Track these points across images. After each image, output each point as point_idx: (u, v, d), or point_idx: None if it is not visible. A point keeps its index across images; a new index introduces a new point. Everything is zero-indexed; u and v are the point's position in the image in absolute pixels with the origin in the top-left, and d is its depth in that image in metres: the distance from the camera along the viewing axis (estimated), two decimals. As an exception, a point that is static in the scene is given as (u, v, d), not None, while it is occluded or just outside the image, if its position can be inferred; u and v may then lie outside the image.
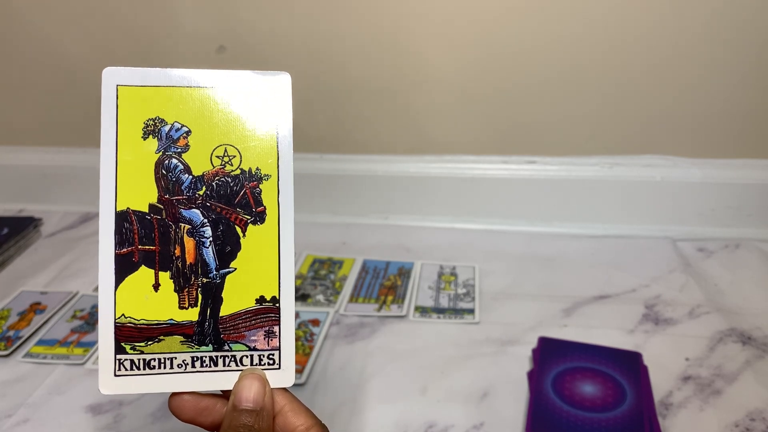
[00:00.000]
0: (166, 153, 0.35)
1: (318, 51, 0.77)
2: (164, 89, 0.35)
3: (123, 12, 0.78)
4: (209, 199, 0.35)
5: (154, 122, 0.35)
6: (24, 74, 0.86)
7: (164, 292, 0.35)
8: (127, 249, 0.34)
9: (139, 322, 0.34)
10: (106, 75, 0.34)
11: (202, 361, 0.35)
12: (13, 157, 0.92)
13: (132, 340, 0.34)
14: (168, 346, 0.34)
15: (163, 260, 0.35)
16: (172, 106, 0.35)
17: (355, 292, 0.72)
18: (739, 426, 0.52)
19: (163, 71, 0.35)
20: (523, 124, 0.79)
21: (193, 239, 0.35)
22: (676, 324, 0.64)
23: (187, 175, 0.35)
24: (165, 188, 0.35)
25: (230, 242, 0.35)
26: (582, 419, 0.51)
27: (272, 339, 0.35)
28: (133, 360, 0.34)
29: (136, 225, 0.34)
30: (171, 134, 0.35)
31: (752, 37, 0.69)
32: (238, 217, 0.35)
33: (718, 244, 0.78)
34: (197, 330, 0.35)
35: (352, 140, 0.84)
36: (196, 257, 0.35)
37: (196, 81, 0.35)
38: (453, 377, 0.59)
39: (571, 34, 0.72)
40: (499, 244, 0.80)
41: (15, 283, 0.75)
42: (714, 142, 0.77)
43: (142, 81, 0.35)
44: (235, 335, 0.35)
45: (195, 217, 0.35)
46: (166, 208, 0.35)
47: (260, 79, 0.36)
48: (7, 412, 0.56)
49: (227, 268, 0.35)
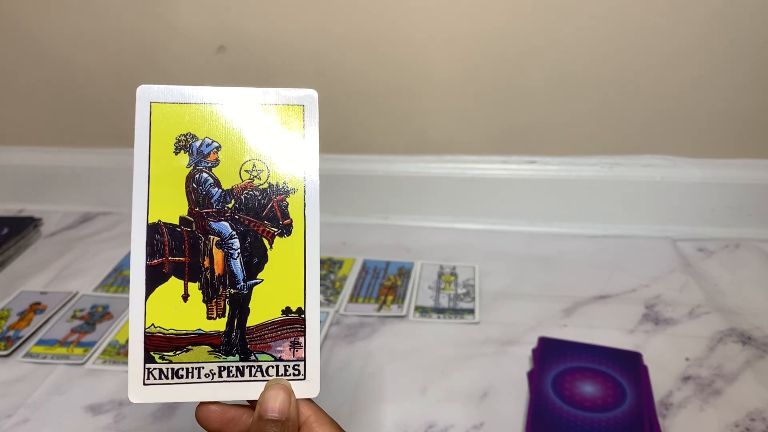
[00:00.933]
0: (197, 167, 0.36)
1: (318, 51, 0.77)
2: (196, 106, 0.36)
3: (123, 12, 0.78)
4: (238, 212, 0.36)
5: (186, 138, 0.36)
6: (24, 74, 0.86)
7: (193, 303, 0.35)
8: (158, 260, 0.35)
9: (168, 331, 0.35)
10: (141, 92, 0.36)
11: (228, 371, 0.35)
12: (13, 157, 0.92)
13: (161, 350, 0.35)
14: (196, 355, 0.35)
15: (192, 271, 0.36)
16: (203, 123, 0.36)
17: (355, 292, 0.72)
18: (739, 426, 0.52)
19: (195, 89, 0.36)
20: (523, 124, 0.79)
21: (222, 251, 0.36)
22: (676, 324, 0.64)
23: (216, 189, 0.36)
24: (195, 201, 0.36)
25: (258, 254, 0.36)
26: (582, 419, 0.51)
27: (298, 350, 0.36)
28: (161, 369, 0.35)
29: (167, 237, 0.35)
30: (202, 149, 0.36)
31: (752, 37, 0.69)
32: (265, 230, 0.36)
33: (718, 244, 0.78)
34: (224, 340, 0.35)
35: (352, 140, 0.84)
36: (225, 268, 0.36)
37: (226, 98, 0.36)
38: (453, 377, 0.59)
39: (571, 34, 0.72)
40: (499, 244, 0.80)
41: (15, 283, 0.75)
42: (714, 142, 0.77)
43: (174, 98, 0.36)
44: (261, 345, 0.36)
45: (224, 229, 0.36)
46: (196, 220, 0.36)
47: (288, 96, 0.37)
48: (7, 412, 0.56)
49: (254, 279, 0.36)
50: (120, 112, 0.85)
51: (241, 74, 0.80)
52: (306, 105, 0.37)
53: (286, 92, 0.37)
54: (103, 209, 0.91)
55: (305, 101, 0.37)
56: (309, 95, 0.37)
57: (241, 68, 0.80)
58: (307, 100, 0.37)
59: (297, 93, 0.37)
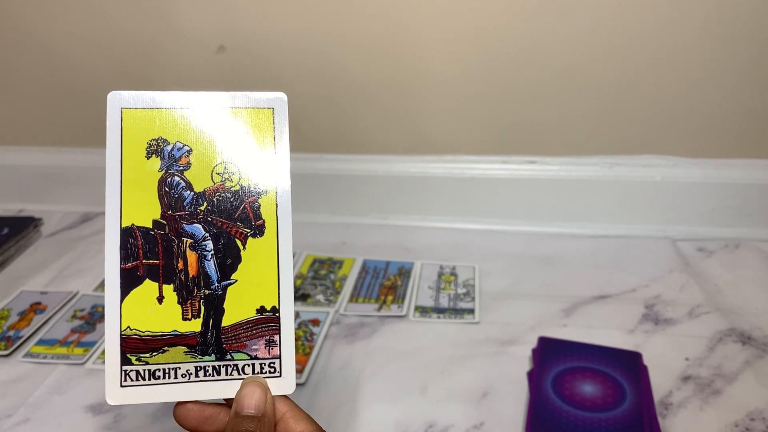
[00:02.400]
0: (169, 171, 0.36)
1: (318, 51, 0.77)
2: (166, 111, 0.36)
3: (122, 12, 0.78)
4: (210, 214, 0.37)
5: (157, 142, 0.36)
6: (24, 74, 0.86)
7: (168, 305, 0.36)
8: (132, 263, 0.35)
9: (144, 333, 0.35)
10: (111, 99, 0.36)
11: (205, 371, 0.36)
12: (13, 157, 0.92)
13: (137, 352, 0.35)
14: (172, 356, 0.35)
15: (166, 273, 0.36)
16: (174, 127, 0.36)
17: (355, 292, 0.72)
18: (739, 426, 0.52)
19: (165, 94, 0.36)
20: (523, 124, 0.79)
21: (196, 253, 0.36)
22: (675, 324, 0.64)
23: (189, 192, 0.36)
24: (168, 204, 0.36)
25: (231, 255, 0.36)
26: (582, 419, 0.51)
27: (273, 348, 0.36)
28: (138, 371, 0.35)
29: (140, 240, 0.36)
30: (173, 153, 0.36)
31: (752, 36, 0.69)
32: (238, 231, 0.37)
33: (718, 244, 0.78)
34: (200, 340, 0.36)
35: (352, 140, 0.84)
36: (199, 270, 0.36)
37: (196, 103, 0.37)
38: (453, 377, 0.59)
39: (570, 33, 0.72)
40: (499, 244, 0.80)
41: (15, 283, 0.76)
42: (714, 142, 0.77)
43: (145, 104, 0.36)
44: (236, 345, 0.36)
45: (197, 231, 0.36)
46: (169, 223, 0.36)
47: (257, 99, 0.37)
48: (7, 412, 0.56)
49: (228, 279, 0.36)
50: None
51: (241, 74, 0.80)
52: (276, 108, 0.38)
53: (256, 95, 0.37)
54: (103, 209, 0.91)
55: (275, 104, 0.38)
56: (278, 98, 0.38)
57: (241, 68, 0.80)
58: (277, 103, 0.38)
59: (266, 96, 0.38)
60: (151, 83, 0.83)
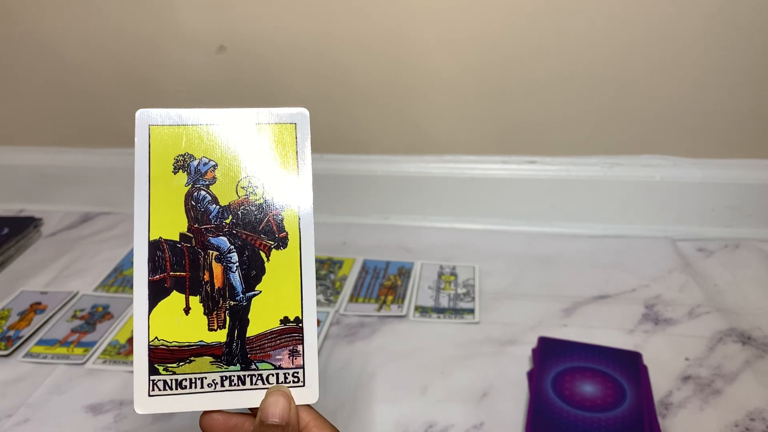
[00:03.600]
0: (195, 186, 0.37)
1: (318, 51, 0.77)
2: (193, 128, 0.38)
3: (122, 12, 0.78)
4: (235, 227, 0.38)
5: (184, 158, 0.38)
6: (24, 74, 0.86)
7: (194, 316, 0.37)
8: (159, 275, 0.36)
9: (171, 344, 0.36)
10: (139, 116, 0.37)
11: (230, 380, 0.36)
12: (13, 157, 0.92)
13: (165, 362, 0.36)
14: (198, 366, 0.36)
15: (193, 285, 0.37)
16: (200, 143, 0.38)
17: (355, 292, 0.72)
18: (739, 426, 0.52)
19: (191, 112, 0.38)
20: (523, 124, 0.79)
21: (221, 265, 0.37)
22: (675, 324, 0.64)
23: (214, 206, 0.38)
24: (194, 218, 0.37)
25: (255, 267, 0.37)
26: (582, 419, 0.51)
27: (296, 357, 0.37)
28: (166, 380, 0.36)
29: (168, 253, 0.37)
30: (199, 168, 0.38)
31: (752, 37, 0.69)
32: (262, 243, 0.38)
33: (718, 244, 0.78)
34: (225, 351, 0.37)
35: (352, 140, 0.84)
36: (224, 281, 0.37)
37: (221, 119, 0.38)
38: (453, 377, 0.59)
39: (571, 34, 0.72)
40: (499, 244, 0.80)
41: (15, 283, 0.76)
42: (714, 142, 0.77)
43: (172, 121, 0.38)
44: (261, 355, 0.37)
45: (222, 244, 0.38)
46: (195, 236, 0.37)
47: (280, 115, 0.39)
48: (7, 412, 0.56)
49: (253, 291, 0.37)
50: (120, 112, 0.85)
51: (241, 74, 0.80)
52: (298, 123, 0.39)
53: (279, 111, 0.39)
54: (103, 209, 0.91)
55: (297, 119, 0.39)
56: (301, 113, 0.39)
57: (241, 68, 0.80)
58: (299, 118, 0.39)
59: (289, 111, 0.39)
60: (151, 83, 0.83)
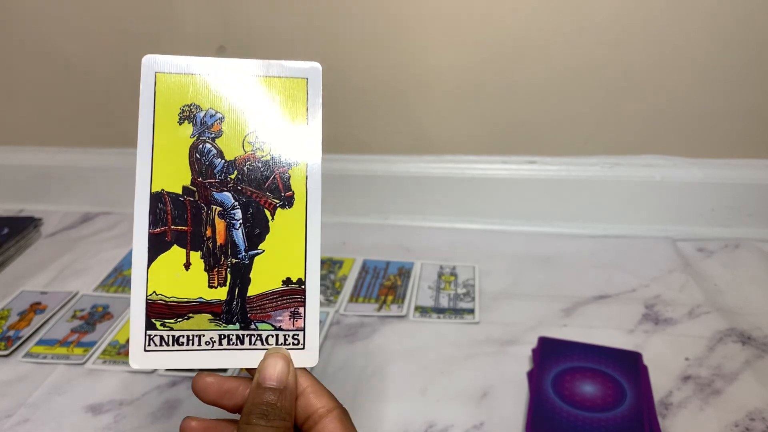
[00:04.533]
0: (201, 138, 0.36)
1: (318, 51, 0.77)
2: (200, 77, 0.36)
3: (123, 11, 0.78)
4: (240, 183, 0.36)
5: (190, 108, 0.36)
6: (24, 74, 0.86)
7: (195, 272, 0.36)
8: (160, 228, 0.35)
9: (169, 299, 0.35)
10: (146, 62, 0.36)
11: (228, 339, 0.36)
12: (13, 157, 0.92)
13: (162, 317, 0.35)
14: (197, 323, 0.35)
15: (194, 240, 0.36)
16: (207, 93, 0.36)
17: (355, 292, 0.72)
18: (739, 426, 0.52)
19: (199, 60, 0.36)
20: (523, 124, 0.79)
21: (224, 221, 0.36)
22: (675, 324, 0.64)
23: (219, 160, 0.36)
24: (198, 171, 0.36)
25: (259, 225, 0.36)
26: (582, 419, 0.51)
27: (297, 320, 0.36)
28: (162, 336, 0.35)
29: (169, 206, 0.36)
30: (205, 120, 0.36)
31: (752, 36, 0.69)
32: (267, 201, 0.37)
33: (718, 244, 0.78)
34: (225, 309, 0.36)
35: (352, 140, 0.84)
36: (227, 238, 0.36)
37: (230, 70, 0.37)
38: (453, 377, 0.59)
39: (571, 33, 0.72)
40: (499, 244, 0.80)
41: (15, 283, 0.76)
42: (714, 142, 0.77)
43: (179, 69, 0.36)
44: (261, 315, 0.36)
45: (226, 199, 0.36)
46: (198, 190, 0.36)
47: (291, 68, 0.37)
48: (7, 412, 0.56)
49: (256, 249, 0.36)
50: (120, 112, 0.85)
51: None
52: (309, 78, 0.37)
53: (290, 64, 0.37)
54: (103, 209, 0.91)
55: (309, 74, 0.37)
56: (313, 68, 0.37)
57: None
58: (311, 73, 0.37)
59: (300, 65, 0.37)
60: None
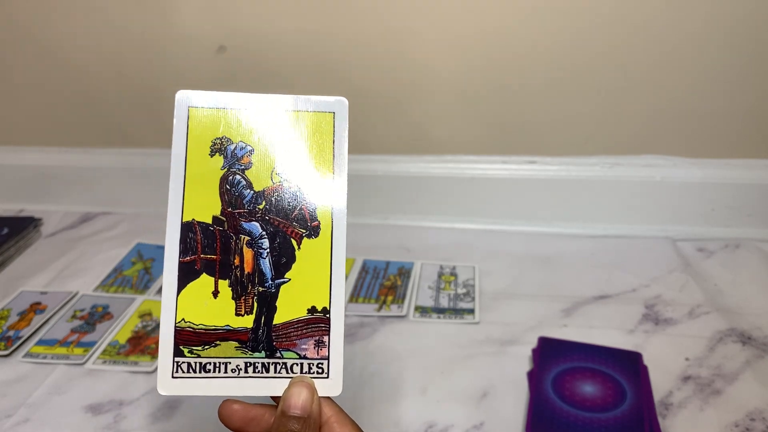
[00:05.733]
0: (231, 169, 0.38)
1: (318, 51, 0.77)
2: (231, 111, 0.38)
3: (123, 12, 0.78)
4: (268, 213, 0.38)
5: (221, 141, 0.38)
6: (24, 74, 0.86)
7: (222, 300, 0.37)
8: (190, 257, 0.37)
9: (197, 327, 0.36)
10: (179, 97, 0.38)
11: (254, 367, 0.36)
12: (13, 157, 0.92)
13: (190, 344, 0.36)
14: (223, 351, 0.36)
15: (223, 269, 0.37)
16: (237, 127, 0.38)
17: (355, 292, 0.72)
18: (739, 426, 0.52)
19: (230, 95, 0.38)
20: (523, 124, 0.79)
21: (252, 250, 0.37)
22: (676, 324, 0.64)
23: (248, 191, 0.38)
24: (228, 202, 0.37)
25: (286, 254, 0.38)
26: (582, 419, 0.51)
27: (322, 348, 0.37)
28: (190, 363, 0.36)
29: (199, 235, 0.37)
30: (236, 153, 0.38)
31: (752, 36, 0.69)
32: (294, 231, 0.38)
33: (718, 244, 0.78)
34: (251, 337, 0.37)
35: (353, 140, 0.83)
36: (254, 267, 0.37)
37: (260, 105, 0.38)
38: (453, 377, 0.59)
39: (571, 34, 0.72)
40: (499, 244, 0.80)
41: (15, 283, 0.75)
42: (714, 142, 0.77)
43: (210, 103, 0.38)
44: (286, 343, 0.37)
45: (254, 229, 0.38)
46: (228, 220, 0.37)
47: (319, 103, 0.39)
48: (7, 412, 0.56)
49: (282, 278, 0.37)
50: (120, 113, 0.85)
51: (241, 74, 0.80)
52: (336, 112, 0.39)
53: (317, 99, 0.39)
54: (103, 209, 0.91)
55: (336, 108, 0.39)
56: (340, 102, 0.39)
57: (242, 68, 0.80)
58: (338, 107, 0.39)
59: (327, 100, 0.39)
60: (151, 84, 0.83)
